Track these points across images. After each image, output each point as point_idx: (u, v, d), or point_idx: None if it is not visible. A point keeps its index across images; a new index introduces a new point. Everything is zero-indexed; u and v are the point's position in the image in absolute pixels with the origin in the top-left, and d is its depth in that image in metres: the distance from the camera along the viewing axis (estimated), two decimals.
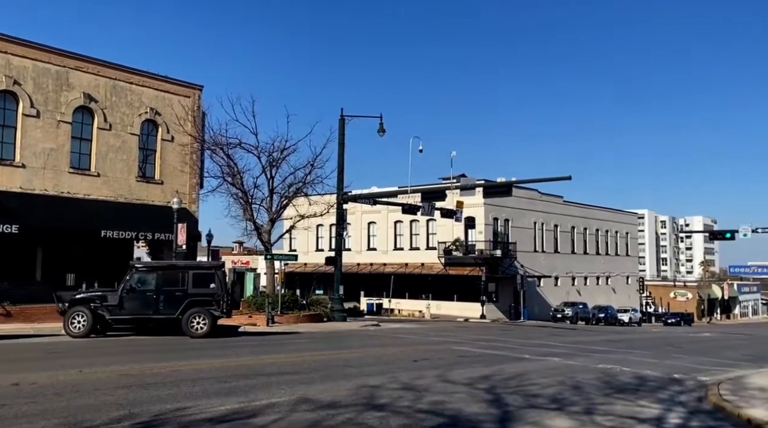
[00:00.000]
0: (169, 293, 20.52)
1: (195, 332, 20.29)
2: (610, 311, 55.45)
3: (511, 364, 15.95)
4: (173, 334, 20.51)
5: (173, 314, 20.37)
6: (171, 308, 20.41)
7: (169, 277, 20.90)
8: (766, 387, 12.78)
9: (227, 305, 21.51)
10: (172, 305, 20.41)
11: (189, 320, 20.35)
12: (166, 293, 20.48)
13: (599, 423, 8.97)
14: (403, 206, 33.78)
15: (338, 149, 33.49)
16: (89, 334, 19.78)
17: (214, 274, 21.32)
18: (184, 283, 20.76)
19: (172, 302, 20.44)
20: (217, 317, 21.03)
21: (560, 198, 60.86)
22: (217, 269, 21.83)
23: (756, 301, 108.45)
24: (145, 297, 20.45)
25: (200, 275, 21.22)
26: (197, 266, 22.58)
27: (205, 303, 20.70)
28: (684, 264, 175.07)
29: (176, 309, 20.38)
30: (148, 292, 20.48)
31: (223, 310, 21.20)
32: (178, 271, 21.36)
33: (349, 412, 8.81)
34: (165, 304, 20.40)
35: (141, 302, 20.39)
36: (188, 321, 20.34)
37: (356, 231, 57.96)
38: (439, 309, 49.39)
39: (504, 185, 33.12)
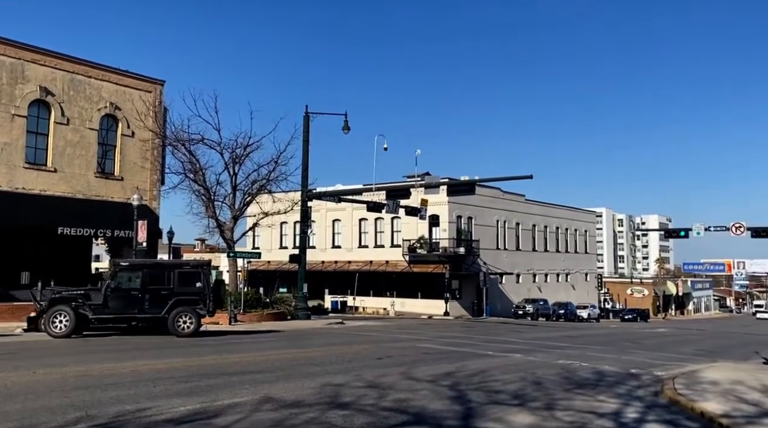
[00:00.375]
0: (155, 292, 20.21)
1: (181, 331, 20.10)
2: (570, 308, 56.54)
3: (474, 361, 16.13)
4: (159, 333, 20.24)
5: (159, 313, 20.12)
6: (157, 307, 20.13)
7: (154, 276, 20.60)
8: (718, 380, 13.23)
9: (213, 305, 21.41)
10: (158, 305, 20.14)
11: (175, 319, 20.15)
12: (151, 292, 20.18)
13: (560, 418, 9.15)
14: (368, 203, 33.78)
15: (303, 146, 33.29)
16: (72, 334, 19.21)
17: (200, 273, 21.18)
18: (169, 282, 20.50)
19: (157, 301, 20.15)
20: (203, 316, 20.86)
21: (522, 196, 61.75)
22: (203, 268, 21.66)
23: (708, 297, 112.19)
24: (130, 296, 20.11)
25: (186, 273, 21.03)
26: (183, 265, 22.43)
27: (191, 302, 20.49)
28: (640, 262, 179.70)
29: (162, 308, 20.12)
30: (134, 291, 20.15)
31: (209, 309, 21.10)
32: (163, 270, 21.14)
33: (313, 411, 8.78)
34: (150, 303, 20.11)
35: (126, 301, 20.04)
36: (174, 321, 20.13)
37: (321, 229, 57.72)
38: (403, 307, 49.59)
39: (468, 183, 33.42)
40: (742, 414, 9.45)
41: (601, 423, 8.94)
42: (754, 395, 11.44)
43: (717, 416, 9.25)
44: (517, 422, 8.72)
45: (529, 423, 8.72)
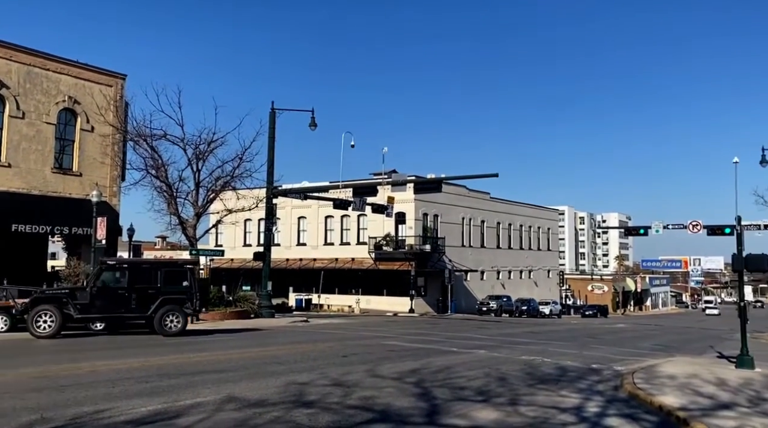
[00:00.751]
0: (142, 291, 19.95)
1: (168, 330, 19.89)
2: (533, 304, 57.38)
3: (439, 357, 16.21)
4: (147, 333, 19.97)
5: (146, 312, 19.84)
6: (143, 306, 19.86)
7: (141, 274, 20.37)
8: (675, 374, 13.59)
9: (199, 304, 21.16)
10: (145, 304, 19.86)
11: (162, 318, 19.91)
12: (138, 291, 19.89)
13: (523, 413, 9.25)
14: (335, 201, 33.63)
15: (268, 142, 32.93)
16: (57, 334, 18.68)
17: (187, 272, 21.03)
18: (156, 281, 20.24)
19: (144, 300, 19.87)
20: (189, 315, 20.72)
21: (487, 195, 62.37)
22: (190, 267, 21.52)
23: (666, 293, 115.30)
24: (116, 295, 19.74)
25: (173, 272, 20.87)
26: (171, 264, 22.12)
27: (178, 302, 20.31)
28: (601, 258, 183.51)
29: (149, 308, 19.84)
30: (120, 290, 19.80)
31: (195, 309, 20.96)
32: (150, 268, 20.92)
33: (277, 410, 8.68)
34: (137, 302, 19.82)
35: (112, 300, 19.67)
36: (161, 320, 19.89)
37: (286, 226, 57.26)
38: (368, 304, 49.58)
39: (434, 181, 33.54)
40: (698, 407, 9.72)
41: (564, 417, 9.07)
42: (709, 388, 11.79)
43: (675, 409, 9.49)
44: (481, 418, 8.79)
45: (494, 418, 8.79)
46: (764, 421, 8.78)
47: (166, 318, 20.02)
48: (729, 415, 9.14)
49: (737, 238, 16.07)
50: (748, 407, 9.90)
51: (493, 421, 8.61)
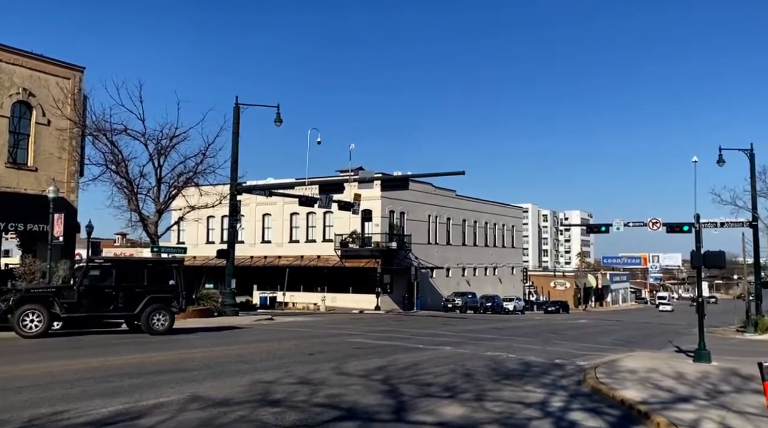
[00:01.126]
0: (129, 289, 19.81)
1: (156, 329, 19.86)
2: (497, 301, 58.04)
3: (405, 354, 16.25)
4: (134, 331, 20.04)
5: (133, 311, 19.74)
6: (130, 305, 19.73)
7: (128, 273, 20.29)
8: (636, 369, 13.90)
9: (185, 302, 21.42)
10: (132, 302, 19.74)
11: (150, 317, 19.85)
12: (125, 290, 19.74)
13: (489, 409, 9.33)
14: (300, 198, 33.35)
15: (232, 138, 32.49)
16: (45, 334, 18.28)
17: (174, 270, 21.09)
18: (143, 279, 20.20)
19: (132, 298, 19.76)
20: (176, 313, 20.80)
21: (453, 192, 62.78)
22: (177, 265, 21.60)
23: (626, 289, 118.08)
24: (103, 294, 19.52)
25: (160, 271, 20.97)
26: (157, 262, 22.36)
27: (164, 300, 20.32)
28: (563, 255, 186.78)
29: (136, 306, 19.74)
30: (107, 288, 19.59)
31: (181, 307, 21.15)
32: (137, 267, 20.98)
33: (242, 409, 8.56)
34: (125, 301, 19.69)
35: (99, 299, 19.44)
36: (149, 318, 19.83)
37: (250, 223, 56.62)
38: (334, 302, 49.42)
39: (401, 178, 33.57)
40: (658, 400, 9.95)
41: (529, 412, 9.18)
42: (668, 382, 12.09)
43: (636, 403, 9.70)
44: (448, 414, 8.82)
45: (460, 414, 8.83)
46: (721, 413, 9.02)
47: (153, 317, 19.97)
48: (688, 408, 9.37)
49: (696, 235, 16.51)
50: (706, 400, 10.18)
51: (460, 417, 8.65)
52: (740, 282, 79.44)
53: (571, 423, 8.59)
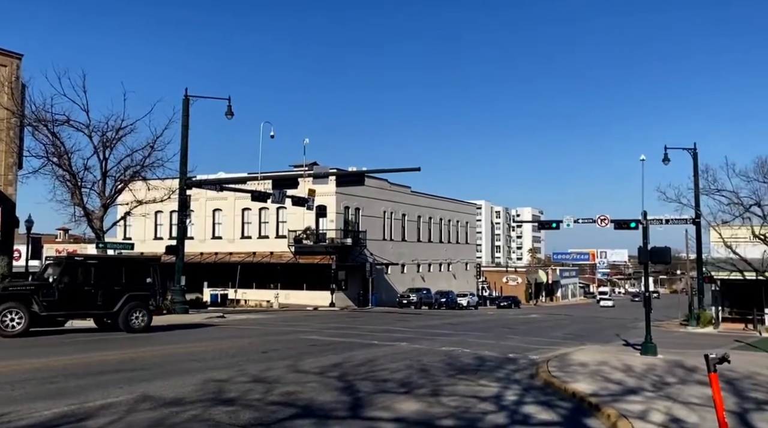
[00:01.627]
0: (108, 287, 19.76)
1: (134, 327, 19.91)
2: (451, 296, 58.64)
3: (361, 351, 16.20)
4: (111, 329, 19.94)
5: (111, 309, 19.71)
6: (109, 303, 19.68)
7: (107, 271, 20.23)
8: (586, 362, 14.22)
9: (162, 300, 21.80)
10: (111, 300, 19.70)
11: (128, 315, 19.88)
12: (104, 288, 19.67)
13: (445, 403, 9.37)
14: (253, 193, 32.82)
15: (182, 131, 31.73)
16: (26, 332, 17.84)
17: (151, 268, 21.23)
18: (122, 277, 20.26)
19: (110, 296, 19.70)
20: (153, 311, 20.94)
21: (408, 188, 63.05)
22: (154, 263, 21.74)
23: (575, 284, 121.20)
24: (83, 292, 19.32)
25: (138, 269, 21.14)
26: (135, 261, 22.53)
27: (142, 298, 20.39)
28: (515, 251, 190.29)
29: (115, 304, 19.72)
30: (86, 287, 19.40)
31: (158, 305, 21.31)
32: (116, 264, 21.05)
33: (195, 408, 8.33)
34: (103, 299, 19.61)
35: (78, 297, 19.21)
36: (127, 316, 19.86)
37: (200, 219, 55.52)
38: (288, 299, 48.95)
39: (356, 174, 33.46)
40: (608, 393, 10.19)
41: (484, 406, 9.26)
42: (617, 374, 12.41)
43: (587, 395, 9.91)
44: (404, 409, 8.81)
45: (417, 409, 8.84)
46: (667, 404, 9.31)
47: (132, 315, 19.98)
48: (636, 400, 9.63)
49: (643, 232, 17.00)
50: (653, 391, 10.48)
51: (416, 412, 8.65)
52: (683, 277, 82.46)
53: (525, 417, 8.70)
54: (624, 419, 8.07)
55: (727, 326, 34.58)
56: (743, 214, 33.38)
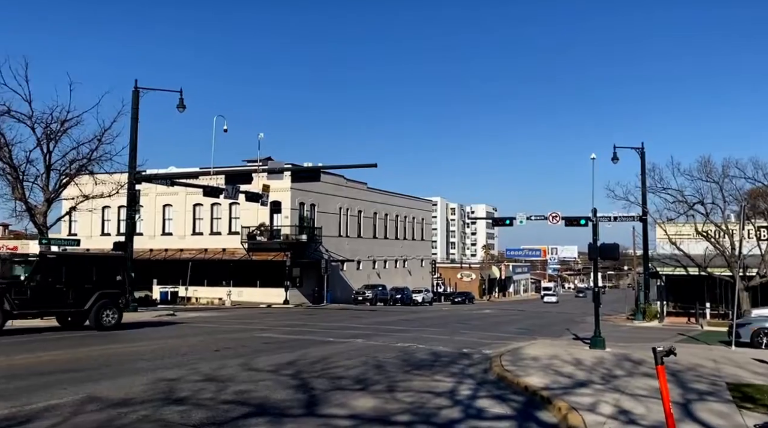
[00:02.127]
0: (79, 285, 19.70)
1: (105, 324, 19.98)
2: (406, 293, 58.93)
3: (316, 348, 16.09)
4: (74, 328, 19.93)
5: (82, 306, 19.72)
6: (80, 301, 19.66)
7: (78, 269, 20.07)
8: (538, 356, 14.50)
9: (131, 297, 21.91)
10: (82, 298, 19.67)
11: (99, 312, 19.92)
12: (75, 285, 19.59)
13: (401, 399, 9.38)
14: (205, 188, 32.19)
15: (131, 123, 30.88)
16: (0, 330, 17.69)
17: (121, 266, 21.37)
18: (92, 275, 20.23)
19: (81, 294, 19.67)
20: (122, 308, 21.02)
21: (365, 185, 62.98)
22: (124, 261, 21.85)
23: (527, 280, 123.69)
24: (54, 290, 19.15)
25: (109, 267, 21.08)
26: (106, 258, 22.47)
27: (113, 296, 20.47)
28: (469, 248, 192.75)
29: (86, 302, 19.72)
30: (58, 284, 19.25)
31: (127, 302, 21.50)
32: (86, 262, 20.92)
33: (145, 409, 8.10)
34: (75, 296, 19.55)
35: (50, 295, 19.05)
36: (98, 314, 19.90)
37: (150, 214, 54.15)
38: (240, 296, 48.24)
39: (312, 169, 33.19)
40: (559, 386, 10.40)
41: (439, 401, 9.32)
42: (568, 368, 12.69)
43: (539, 389, 10.09)
44: (360, 406, 8.78)
45: (372, 406, 8.82)
46: (616, 396, 9.56)
47: (102, 313, 20.01)
48: (586, 392, 9.86)
49: (593, 229, 17.43)
50: (602, 384, 10.75)
51: (372, 409, 8.64)
52: (630, 273, 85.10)
53: (479, 411, 8.79)
54: (574, 411, 8.23)
55: (672, 320, 35.87)
56: (687, 212, 34.69)
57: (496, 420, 8.24)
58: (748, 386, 10.77)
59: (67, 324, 20.49)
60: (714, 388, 10.50)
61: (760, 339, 19.27)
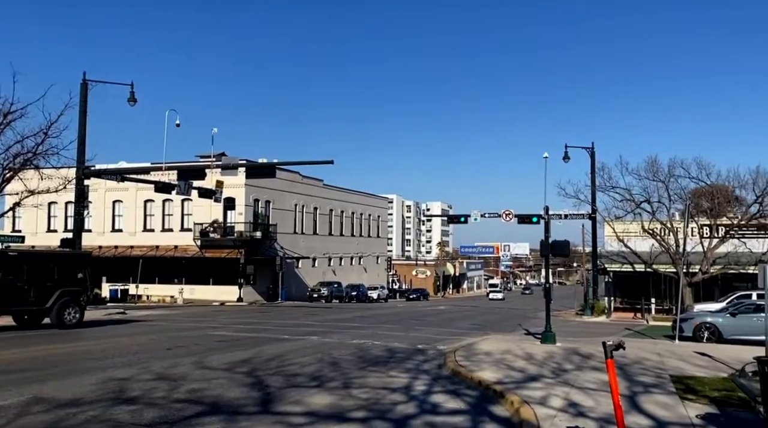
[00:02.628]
0: (41, 283, 19.57)
1: (68, 322, 19.88)
2: (362, 290, 59.02)
3: (270, 345, 15.98)
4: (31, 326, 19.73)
5: (44, 304, 19.57)
6: (42, 298, 19.49)
7: (40, 266, 19.86)
8: (491, 351, 14.76)
9: (92, 295, 21.86)
10: (44, 296, 19.51)
11: (61, 311, 19.80)
12: (38, 283, 19.45)
13: (356, 396, 9.42)
14: (157, 184, 31.44)
15: (79, 117, 29.88)
16: None
17: (83, 264, 21.12)
18: (54, 273, 20.03)
19: (43, 292, 19.51)
20: (84, 306, 20.87)
21: (320, 181, 62.70)
22: (86, 259, 21.66)
23: (480, 276, 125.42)
24: (15, 288, 19.00)
25: (70, 265, 20.84)
26: (68, 256, 22.18)
27: (74, 294, 20.32)
28: (425, 245, 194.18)
29: (47, 300, 19.56)
30: (19, 282, 19.08)
31: (89, 300, 21.42)
32: (48, 260, 20.64)
33: (94, 409, 7.90)
34: (36, 294, 19.38)
35: (11, 293, 18.87)
36: (60, 312, 19.78)
37: (99, 210, 52.62)
38: (193, 294, 47.39)
39: (267, 166, 32.80)
40: (512, 380, 10.63)
41: (394, 397, 9.39)
42: (520, 363, 12.97)
43: (492, 383, 10.29)
44: (315, 403, 8.78)
45: (328, 403, 8.83)
46: (566, 389, 9.83)
47: (64, 311, 19.88)
48: (537, 386, 10.10)
49: (545, 226, 17.84)
50: (552, 378, 11.04)
51: (328, 405, 8.65)
52: (579, 270, 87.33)
53: (434, 406, 8.91)
54: (526, 405, 8.43)
55: (619, 315, 37.01)
56: (635, 210, 35.84)
57: (450, 415, 8.37)
58: (691, 378, 11.24)
59: (23, 323, 20.07)
60: (659, 381, 10.91)
61: (702, 333, 20.09)
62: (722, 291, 32.95)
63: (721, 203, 34.66)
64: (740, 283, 32.11)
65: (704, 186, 35.20)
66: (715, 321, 20.46)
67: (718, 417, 8.09)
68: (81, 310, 20.58)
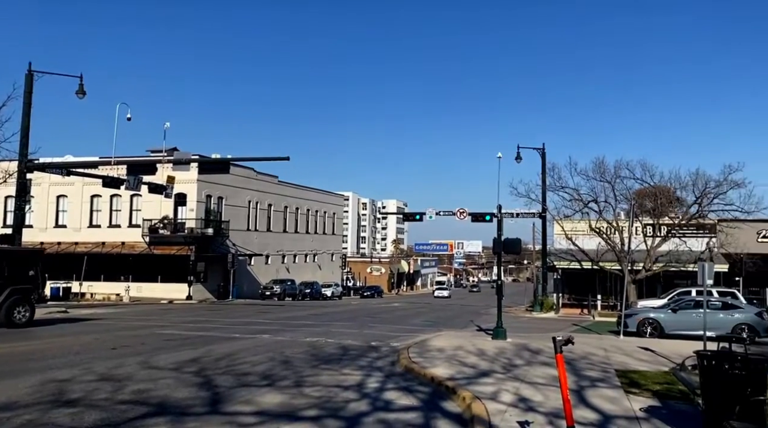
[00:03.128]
0: None
1: (17, 321, 19.34)
2: (316, 287, 58.65)
3: (220, 344, 15.67)
4: None
5: None
6: None
7: None
8: (443, 348, 14.86)
9: (42, 293, 21.42)
10: None
11: (11, 309, 19.26)
12: None
13: (308, 394, 9.32)
14: (104, 178, 30.44)
15: (23, 108, 28.63)
16: None
17: (34, 261, 20.57)
18: (4, 270, 19.42)
19: None
20: (34, 305, 20.41)
21: (275, 178, 61.95)
22: (37, 256, 21.09)
23: (434, 273, 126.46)
24: None
25: (20, 261, 20.27)
26: (18, 252, 21.62)
27: (25, 291, 19.77)
28: (380, 242, 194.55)
29: None
30: None
31: (40, 297, 21.04)
32: None
33: (31, 412, 7.55)
34: None
35: None
36: (10, 310, 19.22)
37: (41, 205, 50.65)
38: (140, 292, 46.15)
39: (221, 161, 32.15)
40: (463, 376, 10.71)
41: (347, 395, 9.33)
42: (472, 359, 13.09)
43: (444, 380, 10.35)
44: (266, 402, 8.64)
45: (279, 402, 8.70)
46: (516, 384, 9.97)
47: (14, 309, 19.35)
48: (488, 382, 10.21)
49: (498, 224, 18.07)
50: (503, 373, 11.19)
51: (279, 404, 8.52)
52: (529, 267, 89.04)
53: (387, 403, 8.89)
54: (478, 401, 8.50)
55: (567, 311, 37.91)
56: (582, 209, 36.78)
57: (402, 412, 8.36)
58: (635, 372, 11.57)
59: None
60: (604, 375, 11.18)
61: (645, 329, 20.75)
62: (664, 288, 34.15)
63: (663, 203, 35.90)
64: (681, 280, 33.35)
65: (648, 187, 36.40)
66: (657, 316, 21.15)
67: (660, 410, 8.34)
68: (32, 309, 20.04)
